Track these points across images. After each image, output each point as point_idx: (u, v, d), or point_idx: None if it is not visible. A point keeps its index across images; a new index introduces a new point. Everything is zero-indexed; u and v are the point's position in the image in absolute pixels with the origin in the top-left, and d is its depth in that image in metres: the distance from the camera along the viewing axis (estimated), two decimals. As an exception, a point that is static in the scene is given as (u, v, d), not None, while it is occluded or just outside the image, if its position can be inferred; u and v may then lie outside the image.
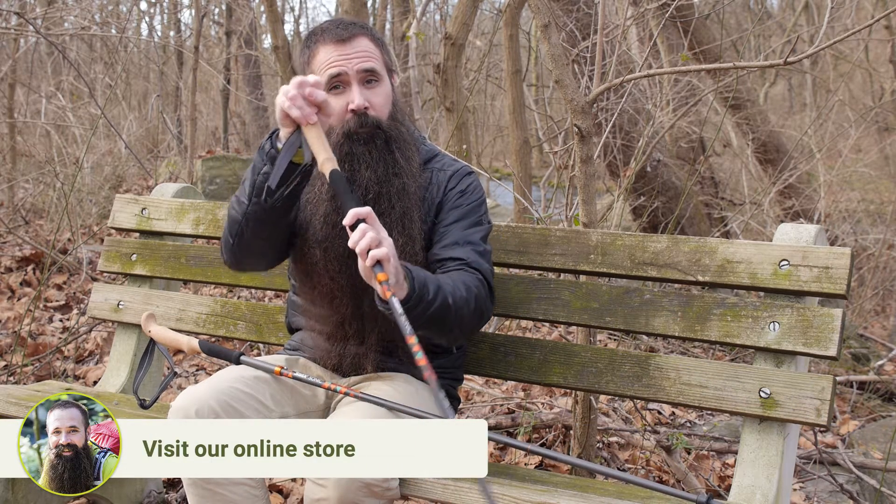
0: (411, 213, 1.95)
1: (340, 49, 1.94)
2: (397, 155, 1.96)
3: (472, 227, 2.00)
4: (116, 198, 2.80)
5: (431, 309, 1.76)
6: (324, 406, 2.03)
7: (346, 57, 1.93)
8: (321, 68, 1.95)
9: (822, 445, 3.36)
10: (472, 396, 3.81)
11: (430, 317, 1.77)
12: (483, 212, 2.05)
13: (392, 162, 1.95)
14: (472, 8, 5.51)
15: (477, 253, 1.96)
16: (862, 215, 8.14)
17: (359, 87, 1.94)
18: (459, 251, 1.95)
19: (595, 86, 2.52)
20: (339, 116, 1.94)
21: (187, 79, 9.99)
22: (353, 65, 1.93)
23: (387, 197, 1.93)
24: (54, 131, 7.51)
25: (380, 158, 1.94)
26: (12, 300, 4.94)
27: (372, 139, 1.94)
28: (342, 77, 1.94)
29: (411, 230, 1.94)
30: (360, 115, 1.93)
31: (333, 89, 1.95)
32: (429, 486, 1.74)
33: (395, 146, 1.96)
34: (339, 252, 1.91)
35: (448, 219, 2.01)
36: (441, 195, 2.04)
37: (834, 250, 1.89)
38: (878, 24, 9.91)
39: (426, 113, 8.19)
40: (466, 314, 1.86)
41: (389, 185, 1.93)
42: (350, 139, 1.93)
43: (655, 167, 5.86)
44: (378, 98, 1.96)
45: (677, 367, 2.01)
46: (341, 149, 1.92)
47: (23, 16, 5.33)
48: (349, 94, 1.94)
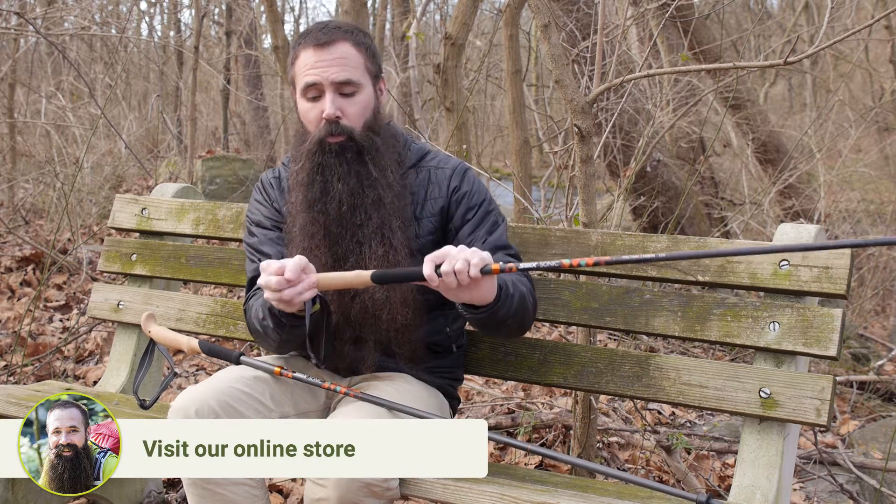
0: (390, 222, 1.95)
1: (318, 55, 1.94)
2: (370, 167, 1.96)
3: (493, 233, 2.02)
4: (116, 198, 2.80)
5: (515, 302, 1.83)
6: (324, 406, 2.03)
7: (323, 65, 1.93)
8: (300, 73, 1.97)
9: (822, 445, 3.36)
10: (472, 396, 3.81)
11: (515, 310, 1.84)
12: (493, 208, 2.06)
13: (365, 174, 1.95)
14: (472, 8, 5.51)
15: (511, 256, 2.01)
16: (862, 215, 8.13)
17: (332, 96, 1.94)
18: (499, 257, 1.97)
19: (595, 86, 2.52)
20: (313, 124, 1.96)
21: (187, 79, 9.99)
22: (327, 74, 1.93)
23: (362, 209, 1.94)
24: (54, 131, 7.51)
25: (351, 171, 1.95)
26: (12, 300, 4.94)
27: (343, 151, 1.94)
28: (317, 86, 1.94)
29: (391, 239, 1.95)
30: (331, 124, 1.94)
31: (309, 97, 1.96)
32: (429, 486, 1.74)
33: (367, 157, 1.96)
34: (321, 262, 1.92)
35: (467, 229, 2.02)
36: (445, 196, 2.04)
37: (834, 250, 1.89)
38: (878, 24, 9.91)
39: (426, 113, 8.18)
40: (531, 306, 1.95)
41: (363, 196, 1.95)
42: (322, 149, 1.95)
43: (655, 167, 5.86)
44: (353, 108, 1.96)
45: (677, 367, 2.01)
46: (314, 158, 1.95)
47: (23, 16, 5.32)
48: (323, 102, 1.95)
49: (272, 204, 2.11)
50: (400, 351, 1.99)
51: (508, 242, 2.04)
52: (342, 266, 1.92)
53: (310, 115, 1.97)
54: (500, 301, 1.77)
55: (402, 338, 1.97)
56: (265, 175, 2.18)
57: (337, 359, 2.02)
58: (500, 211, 2.08)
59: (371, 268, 1.88)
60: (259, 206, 2.13)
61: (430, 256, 1.69)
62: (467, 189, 2.05)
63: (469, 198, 2.04)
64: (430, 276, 1.67)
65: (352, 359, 2.01)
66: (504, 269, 1.65)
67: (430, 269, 1.67)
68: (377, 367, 2.03)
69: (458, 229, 2.03)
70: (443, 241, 2.04)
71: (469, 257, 1.65)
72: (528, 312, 1.93)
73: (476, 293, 1.70)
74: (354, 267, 1.90)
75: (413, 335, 1.97)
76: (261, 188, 2.16)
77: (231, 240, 2.61)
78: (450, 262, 1.66)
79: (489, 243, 1.99)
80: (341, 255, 1.94)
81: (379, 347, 2.00)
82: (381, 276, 1.75)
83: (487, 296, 1.72)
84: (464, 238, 2.01)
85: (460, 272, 1.65)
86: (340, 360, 2.03)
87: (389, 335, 1.96)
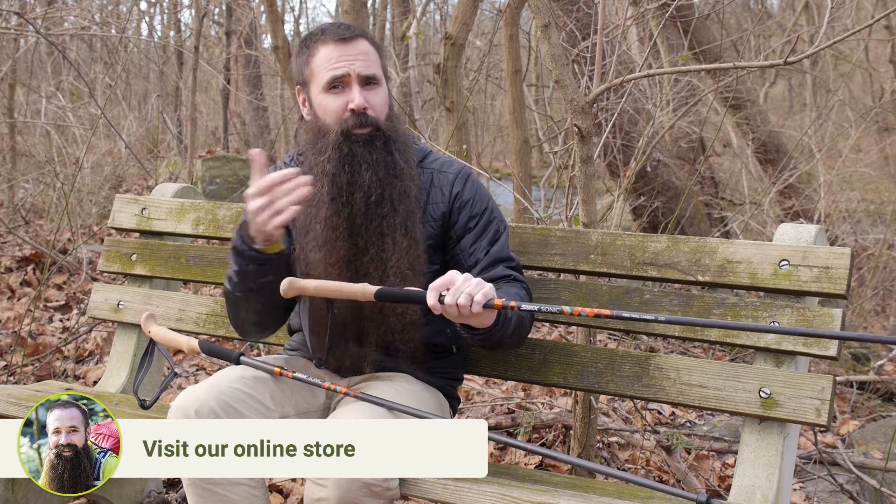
0: (413, 215, 1.96)
1: (342, 49, 1.94)
2: (397, 157, 1.95)
3: (496, 244, 2.02)
4: (116, 198, 2.80)
5: (512, 324, 1.84)
6: (324, 406, 2.03)
7: (349, 58, 1.93)
8: (322, 68, 1.95)
9: (822, 445, 3.36)
10: (472, 396, 3.81)
11: (512, 331, 1.85)
12: (496, 216, 2.06)
13: (392, 164, 1.95)
14: (472, 8, 5.51)
15: (511, 268, 2.01)
16: (862, 215, 8.13)
17: (359, 88, 1.94)
18: (500, 270, 1.99)
19: (595, 86, 2.52)
20: (337, 115, 1.94)
21: (187, 79, 9.98)
22: (355, 67, 1.93)
23: (389, 200, 1.93)
24: (54, 131, 7.51)
25: (380, 160, 1.94)
26: (12, 300, 4.94)
27: (372, 140, 1.94)
28: (344, 78, 1.94)
29: (414, 233, 1.95)
30: (359, 115, 1.93)
31: (333, 89, 1.95)
32: (429, 486, 1.74)
33: (394, 147, 1.96)
34: (340, 255, 1.91)
35: (469, 238, 2.02)
36: (448, 202, 2.03)
37: (834, 250, 1.89)
38: (878, 24, 9.91)
39: (426, 113, 8.18)
40: (528, 324, 1.96)
41: (392, 187, 1.93)
42: (349, 139, 1.93)
43: (655, 167, 5.86)
44: (377, 99, 1.97)
45: (677, 367, 2.01)
46: (341, 149, 1.92)
47: (23, 16, 5.33)
48: (348, 94, 1.94)
49: None
50: (403, 349, 1.99)
51: (510, 254, 2.04)
52: (361, 257, 1.92)
53: (332, 107, 1.95)
54: (497, 325, 1.79)
55: (406, 336, 1.97)
56: None
57: (339, 357, 2.02)
58: (502, 217, 2.08)
59: (393, 259, 1.90)
60: None
61: (435, 284, 1.71)
62: (470, 196, 2.04)
63: (472, 205, 2.03)
64: (433, 305, 1.70)
65: (354, 357, 2.01)
66: (506, 307, 1.69)
67: (434, 300, 1.70)
68: (377, 367, 2.03)
69: (460, 238, 2.03)
70: (442, 246, 2.04)
71: (472, 291, 1.68)
72: (525, 331, 1.95)
73: (475, 320, 1.73)
74: (374, 258, 1.91)
75: (416, 334, 1.97)
76: None
77: (231, 240, 2.61)
78: (453, 295, 1.68)
79: (491, 255, 2.00)
80: (362, 246, 1.92)
81: (381, 346, 2.00)
82: (385, 294, 1.77)
83: (486, 322, 1.75)
84: (466, 248, 2.02)
85: (463, 307, 1.67)
86: (342, 359, 2.03)
87: (394, 334, 1.96)
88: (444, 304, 1.69)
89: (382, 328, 1.97)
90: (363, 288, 1.78)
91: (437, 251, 2.04)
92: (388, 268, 1.90)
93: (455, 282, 1.70)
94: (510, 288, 1.94)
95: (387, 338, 1.98)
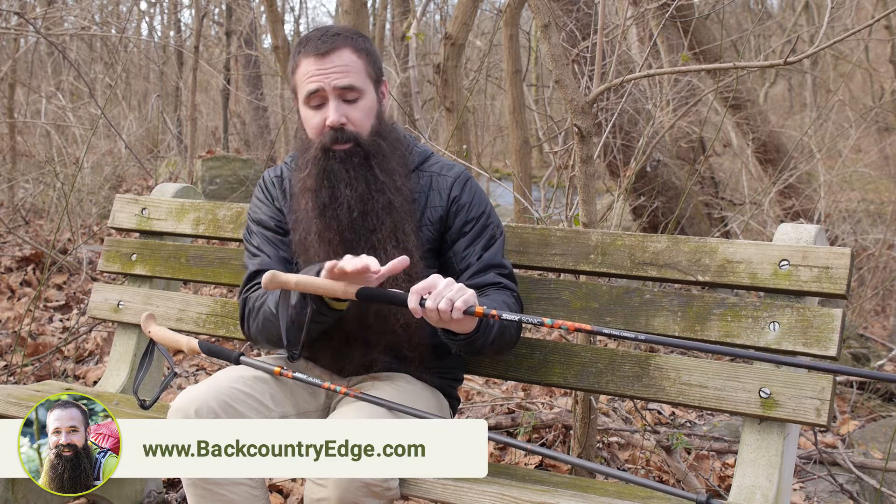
0: (403, 226, 1.95)
1: (319, 63, 1.93)
2: (377, 171, 1.95)
3: (489, 249, 2.02)
4: (116, 198, 2.80)
5: (493, 332, 1.83)
6: (324, 406, 2.03)
7: (324, 72, 1.93)
8: (301, 82, 1.96)
9: (822, 445, 3.36)
10: (472, 396, 3.81)
11: (493, 339, 1.85)
12: (492, 221, 2.05)
13: (372, 178, 1.94)
14: (472, 8, 5.52)
15: (503, 275, 2.01)
16: (862, 215, 8.13)
17: (335, 103, 1.93)
18: (490, 276, 1.99)
19: (595, 86, 2.52)
20: (317, 131, 1.96)
21: (187, 79, 9.98)
22: (329, 80, 1.92)
23: (373, 214, 1.93)
24: (54, 131, 7.51)
25: (359, 176, 1.93)
26: (12, 300, 4.94)
27: (349, 157, 1.94)
28: (320, 93, 1.94)
29: (406, 243, 1.94)
30: (336, 130, 1.93)
31: (311, 104, 1.95)
32: (429, 486, 1.74)
33: (374, 161, 1.95)
34: None
35: (463, 243, 2.02)
36: (445, 205, 2.03)
37: (834, 250, 1.89)
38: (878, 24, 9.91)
39: (426, 113, 8.18)
40: (514, 333, 1.95)
41: (374, 202, 1.93)
42: (327, 155, 1.94)
43: (655, 167, 5.86)
44: (357, 113, 1.95)
45: (677, 368, 2.01)
46: (318, 164, 1.94)
47: (23, 16, 5.33)
48: (325, 109, 1.94)
49: (274, 202, 2.11)
50: (411, 354, 1.99)
51: (503, 260, 2.03)
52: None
53: (313, 123, 1.96)
54: (478, 332, 1.79)
55: (412, 340, 1.97)
56: (267, 173, 2.17)
57: (346, 361, 2.02)
58: (499, 223, 2.07)
59: None
60: (261, 205, 2.13)
61: (416, 288, 1.70)
62: (467, 200, 2.04)
63: (468, 210, 2.03)
64: (413, 308, 1.69)
65: (360, 362, 2.02)
66: (487, 315, 1.68)
67: (415, 303, 1.69)
68: (384, 368, 2.03)
69: (454, 241, 2.03)
70: (440, 250, 2.04)
71: (454, 297, 1.67)
72: (508, 341, 1.94)
73: (456, 326, 1.72)
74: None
75: (420, 337, 1.97)
76: (262, 187, 2.15)
77: (231, 240, 2.62)
78: (434, 299, 1.67)
79: (483, 260, 1.99)
80: None
81: (389, 350, 2.00)
82: (367, 294, 1.76)
83: (467, 328, 1.75)
84: (459, 252, 2.01)
85: (443, 312, 1.67)
86: (349, 363, 2.03)
87: (401, 338, 1.96)
88: (424, 307, 1.69)
89: (387, 333, 1.97)
90: (344, 286, 1.77)
91: (436, 256, 2.04)
92: (385, 281, 1.91)
93: (437, 286, 1.69)
94: (498, 295, 1.94)
95: (393, 343, 1.98)
